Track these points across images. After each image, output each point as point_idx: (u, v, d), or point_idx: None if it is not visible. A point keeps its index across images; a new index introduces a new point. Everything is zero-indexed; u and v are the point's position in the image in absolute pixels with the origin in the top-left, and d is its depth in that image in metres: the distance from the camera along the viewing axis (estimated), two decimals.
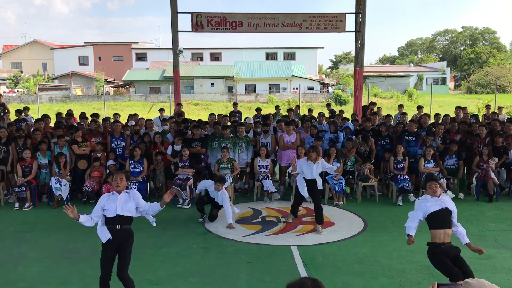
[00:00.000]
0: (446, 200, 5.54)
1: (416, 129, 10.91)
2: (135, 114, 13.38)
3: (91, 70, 58.32)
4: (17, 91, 46.50)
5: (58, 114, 13.09)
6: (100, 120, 12.64)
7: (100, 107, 32.26)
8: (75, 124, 12.15)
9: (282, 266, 6.57)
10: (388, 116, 12.72)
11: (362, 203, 10.03)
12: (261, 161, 10.27)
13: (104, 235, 5.21)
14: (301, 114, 14.73)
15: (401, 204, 9.78)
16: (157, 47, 64.46)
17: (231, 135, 10.59)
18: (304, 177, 8.30)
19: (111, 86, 52.87)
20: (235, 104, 15.88)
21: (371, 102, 15.74)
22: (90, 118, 12.34)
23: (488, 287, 1.97)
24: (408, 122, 11.40)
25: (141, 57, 61.31)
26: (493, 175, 9.95)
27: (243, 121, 12.91)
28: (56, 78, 53.45)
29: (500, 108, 16.19)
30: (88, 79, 52.74)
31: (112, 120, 11.93)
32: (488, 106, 15.72)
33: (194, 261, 6.78)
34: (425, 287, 5.81)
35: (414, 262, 6.63)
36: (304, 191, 8.27)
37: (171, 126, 11.38)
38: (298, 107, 16.02)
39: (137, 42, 63.35)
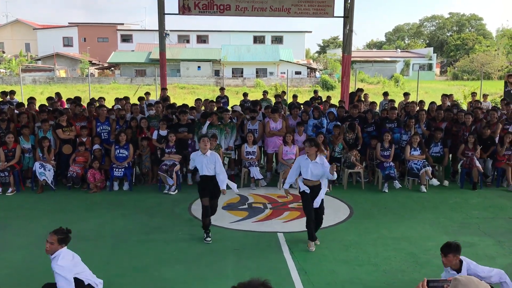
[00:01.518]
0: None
1: (395, 116, 11.02)
2: (124, 97, 13.17)
3: (75, 51, 57.32)
4: None
5: (49, 99, 12.80)
6: (85, 104, 12.47)
7: (85, 89, 31.82)
8: (60, 108, 11.95)
9: (268, 253, 6.60)
10: (373, 103, 12.75)
11: (348, 190, 10.09)
12: (248, 148, 10.25)
13: None
14: (287, 101, 14.70)
15: (386, 191, 9.86)
16: (143, 29, 63.54)
17: (219, 122, 10.52)
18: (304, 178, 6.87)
19: (96, 68, 52.12)
20: (222, 89, 15.79)
21: (358, 88, 15.75)
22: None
23: (477, 283, 1.98)
24: (389, 109, 11.43)
25: (126, 38, 60.43)
26: (477, 163, 10.06)
27: (229, 107, 12.85)
28: (39, 59, 52.49)
29: (485, 95, 16.34)
30: (72, 60, 51.90)
31: (97, 104, 11.77)
32: (473, 94, 15.85)
33: (181, 248, 6.78)
34: (410, 274, 5.89)
35: (399, 249, 6.70)
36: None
37: (157, 111, 11.26)
38: (284, 93, 15.96)
39: (122, 24, 62.35)
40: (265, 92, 16.11)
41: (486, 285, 1.98)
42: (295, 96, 14.21)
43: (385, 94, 14.76)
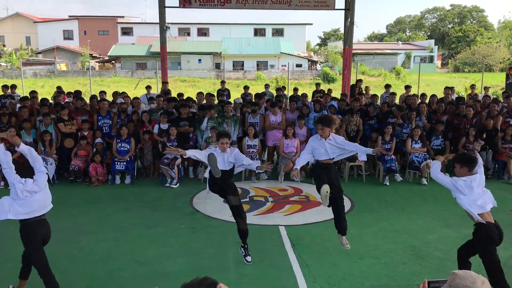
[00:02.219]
0: None
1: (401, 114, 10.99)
2: (123, 92, 13.19)
3: (76, 44, 57.18)
4: (0, 65, 45.56)
5: (57, 96, 12.59)
6: (87, 98, 12.45)
7: (85, 83, 31.82)
8: (61, 102, 11.95)
9: (269, 246, 6.63)
10: (375, 96, 12.74)
11: (349, 183, 10.11)
12: (249, 141, 10.26)
13: None
14: (287, 95, 14.71)
15: (387, 184, 9.88)
16: (143, 22, 63.33)
17: (216, 115, 10.54)
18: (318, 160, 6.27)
19: (96, 61, 52.04)
20: (223, 82, 15.77)
21: (358, 79, 15.75)
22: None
23: (474, 276, 1.99)
24: (394, 107, 11.34)
25: (127, 32, 60.24)
26: (478, 156, 10.04)
27: (231, 100, 12.85)
28: (40, 53, 52.40)
29: (486, 88, 16.29)
30: (73, 53, 51.80)
31: (98, 98, 11.77)
32: (472, 86, 15.80)
33: (183, 241, 6.81)
34: (410, 267, 5.92)
35: (400, 242, 6.73)
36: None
37: (159, 104, 11.27)
38: (284, 88, 15.92)
39: (123, 17, 62.14)
40: (267, 85, 16.10)
41: (484, 278, 1.98)
42: (295, 89, 14.21)
43: (387, 86, 14.73)
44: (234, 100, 12.94)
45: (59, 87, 13.83)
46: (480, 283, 1.96)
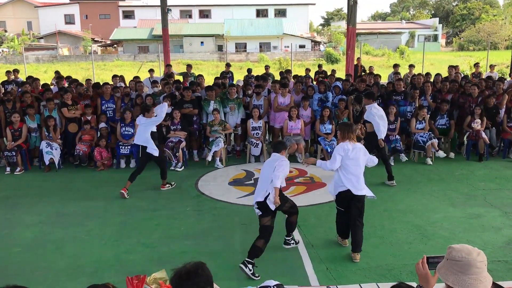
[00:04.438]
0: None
1: (403, 88, 10.92)
2: (121, 76, 13.16)
3: (77, 29, 56.91)
4: (2, 51, 45.45)
5: (58, 81, 12.52)
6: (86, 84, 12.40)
7: (88, 67, 31.76)
8: (64, 86, 11.92)
9: (275, 227, 6.63)
10: (377, 76, 12.58)
11: None
12: (254, 123, 10.23)
13: None
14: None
15: (392, 164, 9.84)
16: (144, 5, 62.82)
17: (217, 98, 10.52)
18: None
19: (98, 46, 51.83)
20: (227, 65, 15.67)
21: (357, 58, 15.76)
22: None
23: (470, 249, 2.10)
24: (394, 81, 11.32)
25: (128, 15, 59.83)
26: (483, 135, 10.02)
27: (234, 82, 12.79)
28: (42, 38, 52.23)
29: (492, 66, 16.12)
30: (75, 38, 51.58)
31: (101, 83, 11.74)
32: (476, 65, 15.62)
33: (189, 223, 6.85)
34: (416, 246, 5.94)
35: (405, 222, 6.74)
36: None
37: (162, 88, 11.23)
38: (289, 71, 15.77)
39: (124, 0, 61.70)
40: (267, 67, 16.01)
41: (479, 250, 2.09)
42: (308, 70, 14.32)
43: (395, 66, 14.51)
44: (236, 82, 12.90)
45: (57, 72, 13.79)
46: (475, 254, 2.06)
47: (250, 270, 5.14)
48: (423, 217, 6.91)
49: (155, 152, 8.18)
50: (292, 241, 5.94)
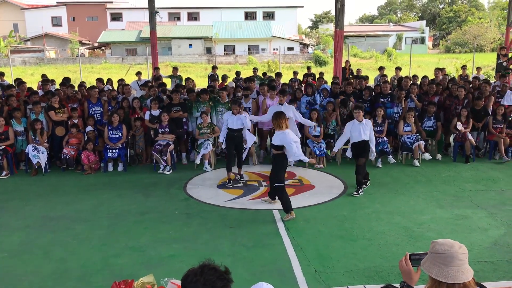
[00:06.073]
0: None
1: (390, 90, 11.00)
2: (109, 79, 13.10)
3: (65, 31, 56.43)
4: None
5: (45, 84, 12.41)
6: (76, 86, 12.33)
7: (75, 70, 31.53)
8: (51, 90, 11.83)
9: (264, 230, 6.65)
10: (363, 78, 12.62)
11: (342, 166, 10.15)
12: None
13: None
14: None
15: (380, 166, 9.93)
16: (132, 7, 62.53)
17: (207, 100, 10.49)
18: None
19: (86, 48, 51.48)
20: (214, 67, 15.66)
21: (346, 61, 15.87)
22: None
23: (452, 242, 2.18)
24: (381, 83, 11.42)
25: (116, 17, 59.51)
26: (470, 136, 10.13)
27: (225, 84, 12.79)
28: (28, 40, 51.67)
29: (478, 68, 16.31)
30: (62, 40, 51.17)
31: (87, 86, 11.67)
32: (463, 67, 15.79)
33: (177, 227, 6.82)
34: (404, 248, 5.97)
35: (393, 224, 6.79)
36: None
37: (152, 91, 11.17)
38: (280, 74, 15.77)
39: (111, 2, 61.29)
40: (255, 69, 16.02)
41: (461, 244, 2.17)
42: (295, 73, 14.36)
43: (381, 68, 14.65)
44: (227, 84, 12.89)
45: (44, 75, 13.68)
46: (457, 247, 2.14)
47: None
48: (411, 219, 6.96)
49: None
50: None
